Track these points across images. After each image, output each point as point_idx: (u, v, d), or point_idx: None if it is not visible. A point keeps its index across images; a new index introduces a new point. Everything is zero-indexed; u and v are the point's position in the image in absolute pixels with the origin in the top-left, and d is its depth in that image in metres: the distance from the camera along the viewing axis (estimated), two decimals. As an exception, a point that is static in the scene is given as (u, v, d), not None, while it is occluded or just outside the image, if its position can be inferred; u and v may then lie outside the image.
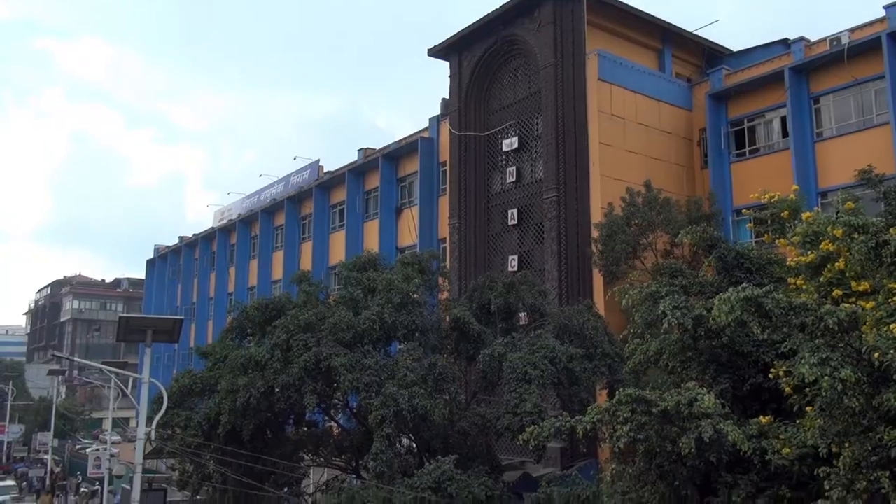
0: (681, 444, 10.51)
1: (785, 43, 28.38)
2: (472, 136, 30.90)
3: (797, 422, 10.88)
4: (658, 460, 11.49)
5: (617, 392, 11.43)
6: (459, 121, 31.33)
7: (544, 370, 16.86)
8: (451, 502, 14.57)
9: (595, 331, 18.78)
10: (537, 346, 17.48)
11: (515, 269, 27.17)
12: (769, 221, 14.18)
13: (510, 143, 29.45)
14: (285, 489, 20.13)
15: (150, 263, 65.31)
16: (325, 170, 43.40)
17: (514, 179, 29.20)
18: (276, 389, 17.78)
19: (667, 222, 23.19)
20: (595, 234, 24.47)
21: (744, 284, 10.56)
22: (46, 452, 54.27)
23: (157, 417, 18.55)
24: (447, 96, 32.89)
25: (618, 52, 27.92)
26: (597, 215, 25.11)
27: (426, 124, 35.38)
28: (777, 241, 13.94)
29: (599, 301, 23.53)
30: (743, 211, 25.57)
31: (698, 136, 29.28)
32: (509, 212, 28.98)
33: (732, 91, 27.73)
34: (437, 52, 32.63)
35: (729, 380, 12.36)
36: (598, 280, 24.76)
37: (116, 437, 49.02)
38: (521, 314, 21.56)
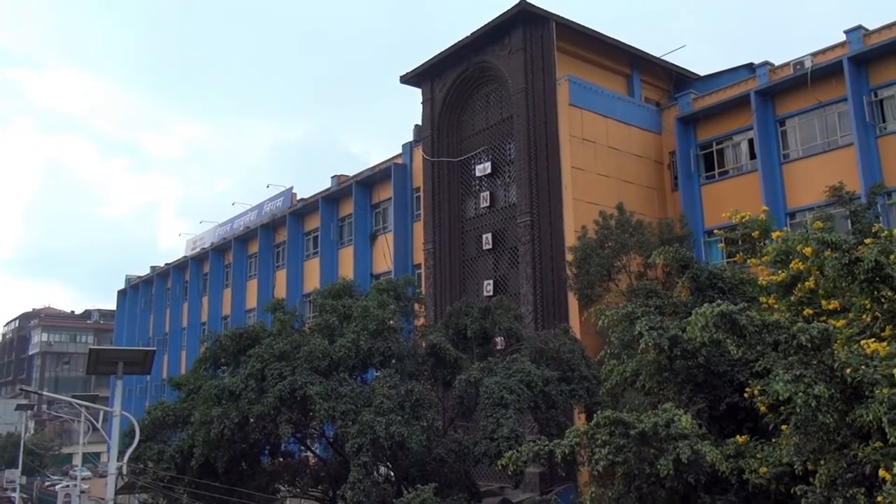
0: (659, 466, 10.49)
1: (750, 67, 29.00)
2: (445, 161, 31.04)
3: (773, 440, 10.92)
4: (637, 482, 11.45)
5: (595, 414, 11.40)
6: (432, 146, 31.48)
7: (521, 394, 16.80)
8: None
9: (571, 353, 18.79)
10: (513, 371, 17.43)
11: (491, 293, 27.19)
12: (740, 241, 14.35)
13: (483, 169, 29.63)
14: (261, 522, 19.73)
15: (121, 294, 64.38)
16: (298, 197, 43.28)
17: (487, 204, 29.33)
18: (251, 420, 17.54)
19: (640, 244, 23.37)
20: (569, 257, 24.58)
21: (718, 301, 10.65)
22: (14, 490, 52.78)
23: (129, 451, 18.12)
24: (420, 122, 33.06)
25: (588, 78, 28.33)
26: (570, 238, 25.26)
27: (399, 150, 35.48)
28: (748, 261, 14.11)
29: (575, 324, 23.58)
30: (714, 231, 25.79)
31: (668, 158, 29.67)
32: (484, 236, 29.07)
33: (700, 115, 28.21)
34: (409, 78, 32.85)
35: (705, 399, 12.39)
36: (573, 303, 24.83)
37: (87, 473, 47.85)
38: (498, 339, 21.52)
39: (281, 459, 21.37)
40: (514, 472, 14.47)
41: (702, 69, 34.35)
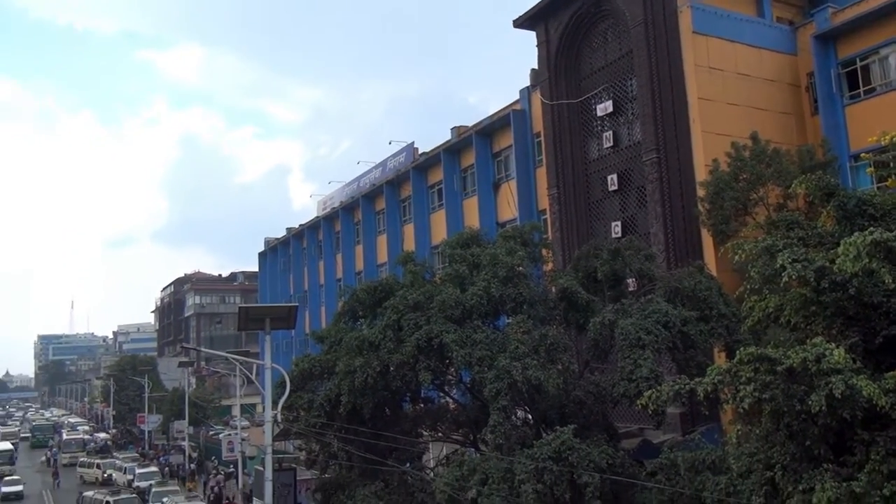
0: (810, 403, 10.10)
1: (898, -29, 26.36)
2: (564, 104, 30.43)
3: (937, 373, 10.25)
4: (786, 420, 11.08)
5: (737, 352, 11.09)
6: (550, 90, 30.90)
7: (658, 335, 16.55)
8: (573, 471, 14.58)
9: (708, 292, 18.24)
10: (649, 311, 17.16)
11: (619, 235, 26.70)
12: (892, 164, 13.31)
13: (605, 108, 28.83)
14: (408, 464, 20.66)
15: (261, 256, 67.97)
16: (420, 151, 43.81)
17: (611, 144, 28.61)
18: (391, 368, 18.26)
19: (778, 174, 22.18)
20: (701, 192, 23.70)
21: (871, 228, 9.98)
22: (183, 439, 57.87)
23: (282, 401, 19.44)
24: (536, 66, 32.47)
25: (711, 2, 26.73)
26: (701, 173, 24.31)
27: (517, 97, 35.08)
28: (902, 184, 13.09)
29: (710, 261, 22.85)
30: (861, 156, 24.00)
31: (806, 81, 27.72)
32: (609, 177, 28.44)
33: (840, 30, 26.03)
34: (522, 22, 32.22)
35: (858, 333, 11.74)
36: (707, 240, 24.02)
37: (245, 423, 51.65)
38: (629, 280, 21.21)
39: (422, 405, 22.18)
40: (655, 412, 14.40)
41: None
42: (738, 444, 12.10)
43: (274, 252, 64.71)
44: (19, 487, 49.65)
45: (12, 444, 72.04)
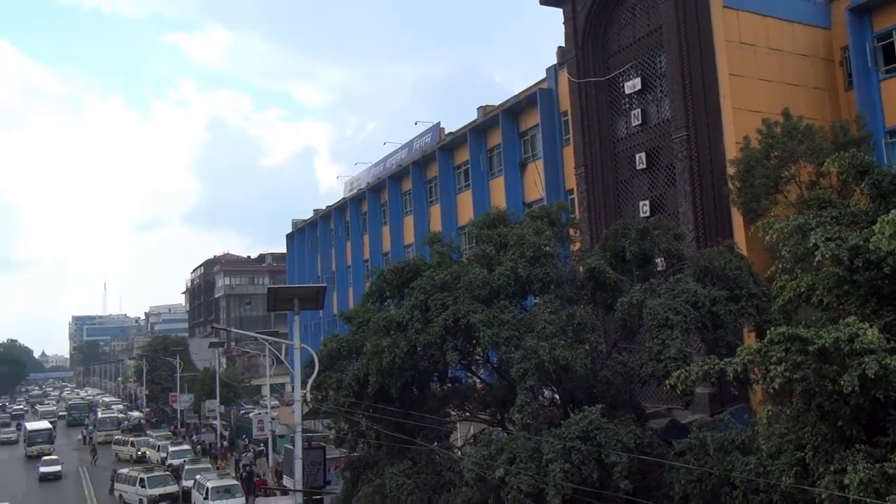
0: (842, 383, 9.97)
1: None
2: (591, 81, 30.08)
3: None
4: (818, 400, 10.96)
5: (768, 332, 10.97)
6: (577, 67, 30.56)
7: (687, 315, 16.41)
8: (600, 451, 14.58)
9: (739, 271, 18.01)
10: (678, 291, 17.01)
11: (648, 214, 26.44)
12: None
13: (633, 85, 28.45)
14: (435, 443, 20.83)
15: (289, 237, 68.50)
16: (446, 132, 43.67)
17: (639, 122, 28.26)
18: (419, 348, 18.34)
19: (810, 151, 21.77)
20: (731, 170, 23.36)
21: (906, 208, 9.79)
22: (215, 418, 58.88)
23: (311, 380, 19.71)
24: (563, 44, 32.11)
25: (743, -25, 26.17)
26: (732, 151, 23.95)
27: (544, 75, 34.76)
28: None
29: (740, 240, 22.55)
30: (897, 131, 23.57)
31: (840, 55, 27.10)
32: (637, 156, 28.13)
33: (877, 1, 25.35)
34: (549, -1, 31.82)
35: (893, 313, 11.55)
36: (737, 219, 23.72)
37: (275, 402, 52.30)
38: (658, 260, 21.03)
39: (449, 385, 22.28)
40: (683, 393, 14.31)
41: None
42: (769, 425, 11.99)
43: (301, 233, 65.16)
44: (58, 468, 49.40)
45: (51, 422, 73.64)
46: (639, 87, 28.15)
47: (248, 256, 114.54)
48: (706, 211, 24.89)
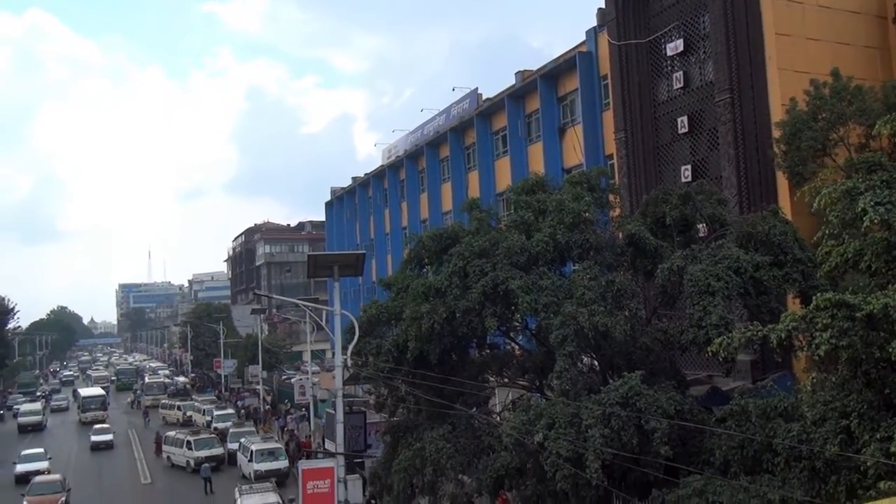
0: (890, 350, 9.79)
1: None
2: (632, 44, 29.45)
3: None
4: (864, 367, 10.78)
5: (813, 298, 10.77)
6: (618, 29, 29.92)
7: (729, 281, 16.17)
8: (640, 416, 14.56)
9: (783, 236, 17.66)
10: (720, 257, 16.76)
11: (689, 179, 26.00)
12: None
13: (675, 47, 27.79)
14: (474, 408, 21.00)
15: (328, 205, 68.95)
16: (484, 97, 43.26)
17: (681, 85, 27.64)
18: (458, 314, 18.42)
19: (860, 113, 21.09)
20: (777, 133, 22.78)
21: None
22: (258, 383, 60.18)
23: (351, 346, 19.94)
24: (603, 6, 31.44)
25: (792, -71, 25.23)
26: (777, 113, 23.33)
27: (583, 38, 34.14)
28: None
29: (785, 205, 22.09)
30: (953, 91, 22.67)
31: (893, 11, 26.08)
32: (679, 120, 27.58)
33: (935, -46, 24.31)
34: (589, -41, 31.11)
35: (944, 278, 11.26)
36: (782, 183, 23.18)
37: (316, 368, 53.25)
38: (700, 226, 20.71)
39: (488, 351, 22.38)
40: (725, 359, 14.20)
41: None
42: (813, 392, 11.84)
43: (340, 201, 65.54)
44: (109, 436, 48.63)
45: (103, 388, 75.46)
46: (681, 48, 27.49)
47: (288, 224, 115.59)
48: (750, 175, 24.38)
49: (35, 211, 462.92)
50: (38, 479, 34.23)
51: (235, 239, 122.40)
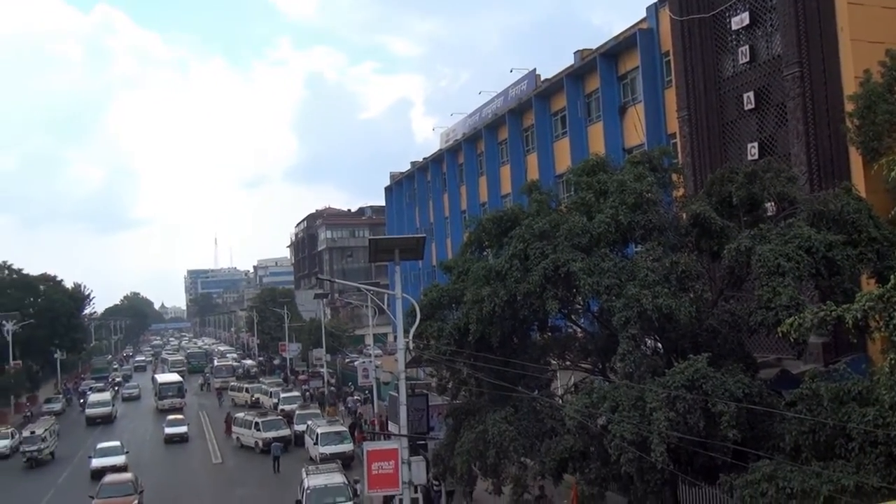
0: (974, 330, 9.36)
1: None
2: (695, 18, 28.63)
3: None
4: (945, 349, 10.35)
5: (891, 278, 10.37)
6: (680, 4, 29.11)
7: (800, 261, 15.68)
8: (707, 400, 14.30)
9: (857, 214, 17.02)
10: (790, 237, 16.26)
11: (756, 156, 25.22)
12: None
13: (740, 21, 26.89)
14: (536, 391, 20.97)
15: (387, 190, 69.47)
16: (542, 78, 42.79)
17: (747, 60, 26.76)
18: (518, 297, 18.36)
19: (940, 83, 20.11)
20: (850, 107, 21.90)
21: None
22: (322, 367, 61.33)
23: (413, 329, 20.11)
24: (665, -21, 30.66)
25: None
26: (850, 86, 22.40)
27: (644, 14, 33.38)
28: None
29: (859, 182, 21.27)
30: None
31: (977, -25, 24.68)
32: (745, 96, 26.73)
33: None
34: (649, -68, 30.33)
35: None
36: (855, 159, 22.30)
37: (378, 351, 53.96)
38: (768, 204, 20.12)
39: (549, 334, 22.28)
40: (796, 341, 13.80)
41: None
42: (891, 375, 11.43)
43: (399, 186, 65.95)
44: (184, 428, 46.12)
45: (179, 373, 73.95)
46: (747, 21, 26.59)
47: (349, 210, 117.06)
48: (821, 151, 23.51)
49: (108, 201, 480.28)
50: (109, 478, 31.02)
51: (298, 225, 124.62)
